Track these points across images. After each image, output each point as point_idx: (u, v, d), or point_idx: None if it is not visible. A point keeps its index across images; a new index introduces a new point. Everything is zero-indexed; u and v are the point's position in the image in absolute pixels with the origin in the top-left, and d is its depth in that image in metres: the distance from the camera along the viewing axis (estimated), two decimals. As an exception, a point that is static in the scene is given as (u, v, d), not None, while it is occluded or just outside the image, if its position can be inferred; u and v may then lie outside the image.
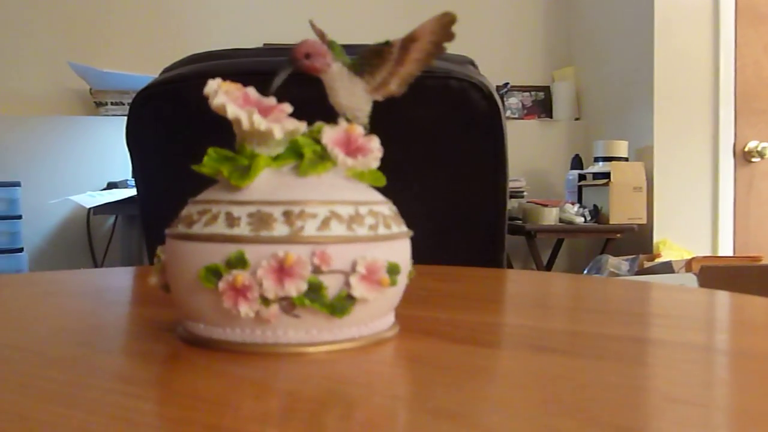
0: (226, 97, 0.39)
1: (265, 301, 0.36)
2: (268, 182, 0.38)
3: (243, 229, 0.36)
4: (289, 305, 0.36)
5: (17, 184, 2.78)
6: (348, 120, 0.41)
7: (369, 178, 0.40)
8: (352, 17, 3.40)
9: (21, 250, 2.76)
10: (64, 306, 0.57)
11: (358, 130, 0.40)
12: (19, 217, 2.76)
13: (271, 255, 0.36)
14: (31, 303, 0.57)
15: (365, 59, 0.41)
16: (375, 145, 0.40)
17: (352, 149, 0.39)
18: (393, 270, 0.38)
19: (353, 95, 0.42)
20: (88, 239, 3.14)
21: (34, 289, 0.66)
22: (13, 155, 2.99)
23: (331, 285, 0.36)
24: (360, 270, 0.37)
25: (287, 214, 0.36)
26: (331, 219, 0.37)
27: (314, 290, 0.36)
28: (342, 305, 0.37)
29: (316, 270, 0.36)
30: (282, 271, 0.35)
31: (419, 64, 0.41)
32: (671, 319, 0.48)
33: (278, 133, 0.38)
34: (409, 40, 0.40)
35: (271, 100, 0.40)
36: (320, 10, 3.44)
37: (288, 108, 0.40)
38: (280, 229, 0.36)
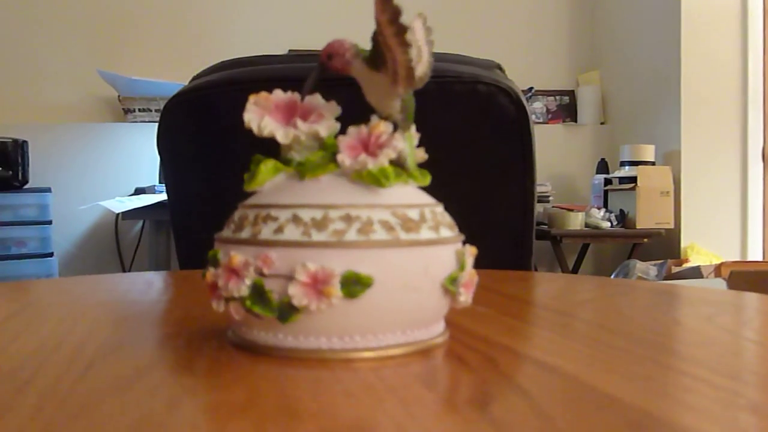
0: (253, 106, 0.40)
1: (225, 299, 0.37)
2: (271, 186, 0.39)
3: (229, 230, 0.39)
4: (244, 306, 0.37)
5: (48, 190, 2.83)
6: (382, 118, 0.40)
7: (368, 178, 0.38)
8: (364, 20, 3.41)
9: (51, 254, 2.80)
10: (99, 310, 0.58)
11: (382, 128, 0.39)
12: (50, 222, 2.80)
13: (228, 255, 0.37)
14: (65, 309, 0.58)
15: (372, 51, 0.41)
16: (393, 143, 0.38)
17: (372, 149, 0.38)
18: (353, 281, 0.35)
19: (377, 91, 0.41)
20: (117, 244, 3.18)
21: (67, 294, 0.67)
22: (43, 162, 3.04)
23: (275, 290, 0.35)
24: (300, 277, 0.35)
25: (256, 217, 0.37)
26: (288, 223, 0.36)
27: (258, 293, 0.36)
28: (285, 312, 0.36)
29: (260, 273, 0.36)
30: (232, 271, 0.36)
31: (403, 48, 0.39)
32: (699, 364, 0.37)
33: (282, 138, 0.39)
34: (378, 26, 0.39)
35: (313, 104, 0.40)
36: (343, 16, 3.46)
37: (327, 110, 0.40)
38: (246, 232, 0.37)
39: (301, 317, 0.35)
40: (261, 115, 0.40)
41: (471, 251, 0.41)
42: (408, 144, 0.40)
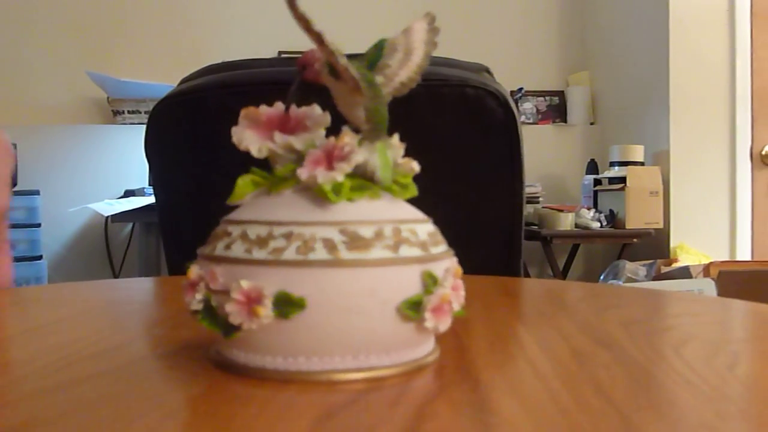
0: (242, 119, 0.39)
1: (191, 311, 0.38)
2: (246, 201, 0.39)
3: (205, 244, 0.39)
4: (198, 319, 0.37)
5: (36, 193, 2.81)
6: (354, 129, 0.39)
7: (320, 193, 0.36)
8: (365, 25, 3.41)
9: (40, 257, 2.79)
10: (85, 323, 0.58)
11: (346, 140, 0.37)
12: (38, 225, 2.79)
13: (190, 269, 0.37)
14: (51, 320, 0.58)
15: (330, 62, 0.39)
16: (351, 156, 0.36)
17: (333, 162, 0.37)
18: (285, 301, 0.34)
19: (342, 100, 0.39)
20: (106, 247, 3.16)
21: (51, 303, 0.67)
22: (32, 164, 3.02)
23: (220, 306, 0.35)
24: (235, 295, 0.34)
25: (218, 233, 0.37)
26: (237, 239, 0.36)
27: (208, 308, 0.36)
28: (228, 328, 0.35)
29: (208, 288, 0.36)
30: (190, 285, 0.37)
31: (341, 65, 0.38)
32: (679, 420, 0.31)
33: (256, 153, 0.38)
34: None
35: (303, 115, 0.40)
36: (333, 18, 3.45)
37: (313, 121, 0.40)
38: (209, 247, 0.37)
39: (241, 335, 0.35)
40: (245, 128, 0.39)
41: (454, 272, 0.38)
42: (380, 155, 0.38)
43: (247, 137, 0.39)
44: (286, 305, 0.34)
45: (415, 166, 0.40)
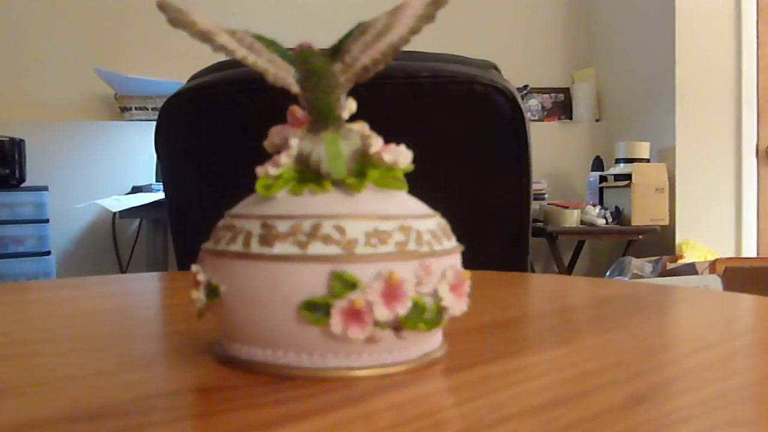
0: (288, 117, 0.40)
1: None
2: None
3: None
4: None
5: (45, 189, 2.83)
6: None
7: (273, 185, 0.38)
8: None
9: (49, 253, 2.80)
10: (90, 316, 0.59)
11: (284, 132, 0.38)
12: (47, 220, 2.80)
13: None
14: (54, 312, 0.59)
15: None
16: (283, 150, 0.37)
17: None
18: (209, 289, 0.36)
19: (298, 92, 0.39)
20: (114, 243, 3.18)
21: (58, 294, 0.68)
22: (40, 160, 3.03)
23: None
24: (191, 279, 0.38)
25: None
26: (220, 230, 0.38)
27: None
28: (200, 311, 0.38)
29: (194, 278, 0.39)
30: None
31: (241, 58, 0.39)
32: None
33: (268, 147, 0.39)
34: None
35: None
36: (343, 15, 3.46)
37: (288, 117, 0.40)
38: None
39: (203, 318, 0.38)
40: (293, 125, 0.39)
41: (389, 276, 0.34)
42: (327, 146, 0.36)
43: (271, 133, 0.39)
44: (209, 292, 0.36)
45: (389, 156, 0.36)
